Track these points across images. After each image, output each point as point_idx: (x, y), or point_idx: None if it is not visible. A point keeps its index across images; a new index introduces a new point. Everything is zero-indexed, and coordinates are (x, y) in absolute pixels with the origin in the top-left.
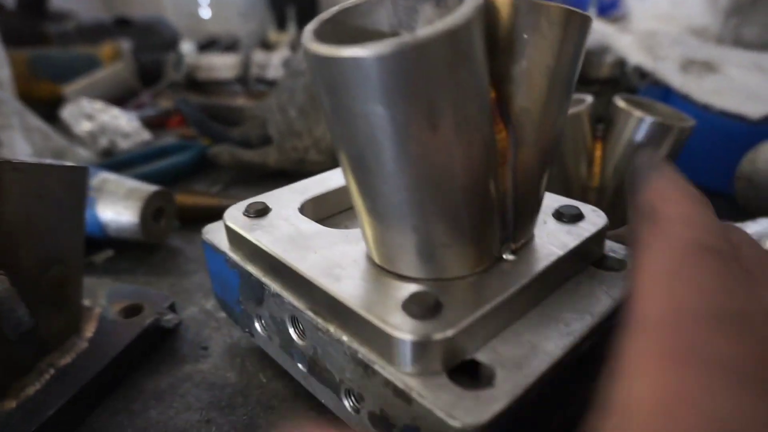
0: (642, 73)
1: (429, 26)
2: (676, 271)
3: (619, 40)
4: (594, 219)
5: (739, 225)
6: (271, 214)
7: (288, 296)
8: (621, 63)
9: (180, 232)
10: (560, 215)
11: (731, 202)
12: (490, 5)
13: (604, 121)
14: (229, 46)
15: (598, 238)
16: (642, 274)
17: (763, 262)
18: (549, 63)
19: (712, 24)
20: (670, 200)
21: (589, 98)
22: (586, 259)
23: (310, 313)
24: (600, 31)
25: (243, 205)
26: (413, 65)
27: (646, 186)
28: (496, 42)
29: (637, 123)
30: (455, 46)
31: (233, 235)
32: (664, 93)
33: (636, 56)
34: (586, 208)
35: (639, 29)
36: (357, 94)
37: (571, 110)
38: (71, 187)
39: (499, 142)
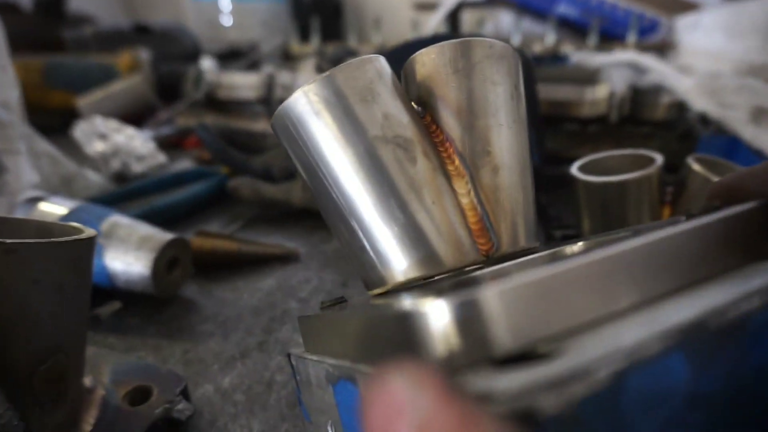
0: (704, 120)
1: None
2: None
3: (679, 82)
4: None
5: None
6: None
7: None
8: (678, 105)
9: (194, 279)
10: None
11: None
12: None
13: (674, 183)
14: (252, 63)
15: None
16: None
17: None
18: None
19: None
20: None
21: (659, 158)
22: None
23: None
24: (657, 70)
25: None
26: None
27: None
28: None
29: None
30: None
31: None
32: (731, 142)
33: (700, 102)
34: None
35: (697, 69)
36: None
37: (640, 172)
38: (75, 265)
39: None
